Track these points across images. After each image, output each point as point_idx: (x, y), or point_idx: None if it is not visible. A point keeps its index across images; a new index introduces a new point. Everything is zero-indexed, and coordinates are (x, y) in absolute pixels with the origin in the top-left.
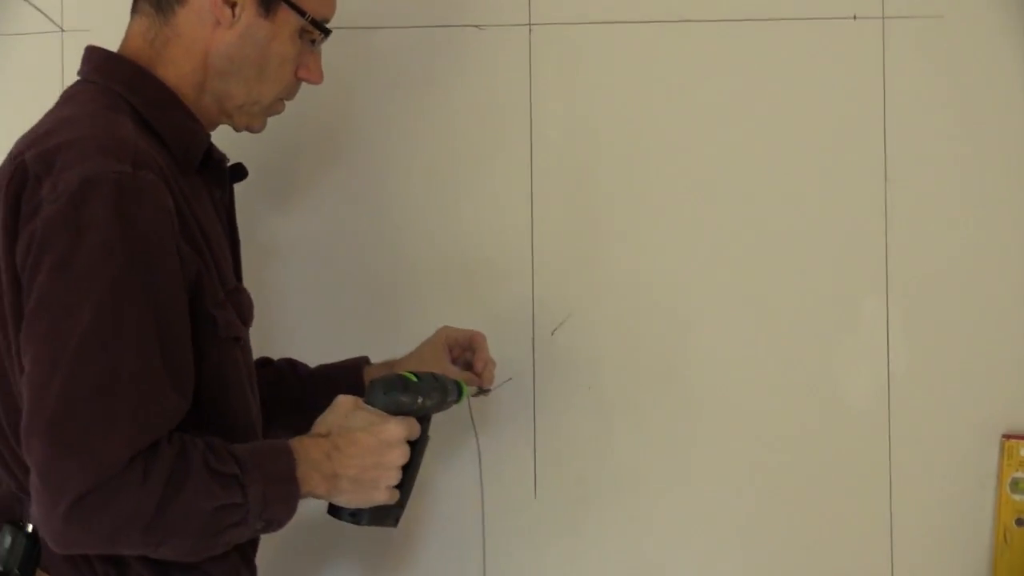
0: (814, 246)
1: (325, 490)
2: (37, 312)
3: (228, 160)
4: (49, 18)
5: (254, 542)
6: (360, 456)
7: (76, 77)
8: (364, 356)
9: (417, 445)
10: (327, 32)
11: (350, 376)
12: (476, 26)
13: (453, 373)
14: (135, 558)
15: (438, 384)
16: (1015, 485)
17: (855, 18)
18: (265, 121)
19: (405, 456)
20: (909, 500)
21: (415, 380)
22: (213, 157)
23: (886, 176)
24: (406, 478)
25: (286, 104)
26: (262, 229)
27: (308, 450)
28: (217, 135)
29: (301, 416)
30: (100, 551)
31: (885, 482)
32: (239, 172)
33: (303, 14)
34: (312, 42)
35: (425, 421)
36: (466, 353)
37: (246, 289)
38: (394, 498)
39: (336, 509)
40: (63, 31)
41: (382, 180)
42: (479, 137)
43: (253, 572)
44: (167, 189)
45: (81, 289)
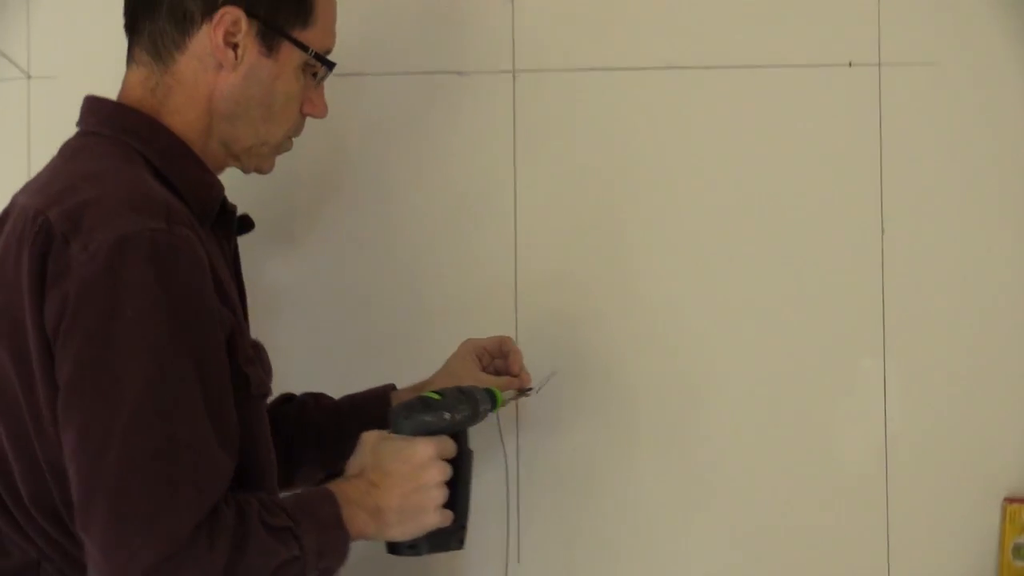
0: (808, 304)
1: (375, 528)
2: (80, 382)
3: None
4: (15, 64)
5: None
6: (397, 485)
7: (75, 127)
8: (390, 383)
9: (459, 461)
10: (331, 65)
11: (378, 404)
12: (459, 73)
13: (487, 381)
14: None
15: (464, 397)
16: (1018, 551)
17: (850, 65)
18: (274, 161)
19: (443, 473)
20: (907, 566)
21: (437, 398)
22: (227, 209)
23: (883, 229)
24: (457, 496)
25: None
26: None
27: (347, 492)
28: None
29: (330, 450)
30: None
31: (883, 547)
32: (246, 223)
33: (306, 49)
34: (314, 75)
35: (462, 436)
36: (496, 360)
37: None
38: (448, 519)
39: (394, 546)
40: (30, 78)
41: (364, 228)
42: (463, 184)
43: None
44: (200, 245)
45: (127, 356)
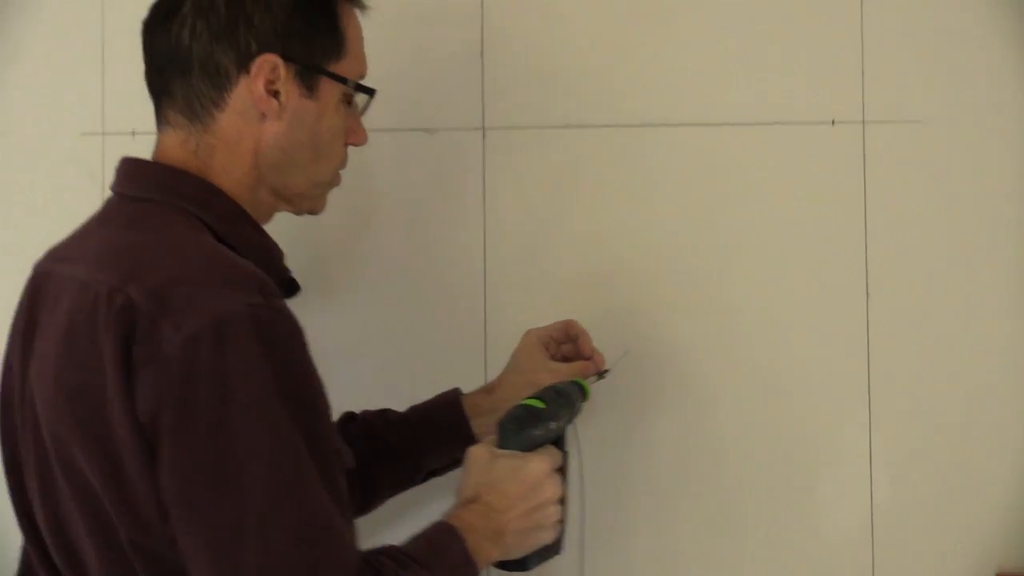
0: (792, 370)
1: (497, 552)
2: (201, 478)
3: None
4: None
5: None
6: (515, 506)
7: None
8: (455, 388)
9: (562, 467)
10: (372, 92)
11: (451, 412)
12: (427, 130)
13: (560, 370)
14: None
15: (563, 399)
16: None
17: (833, 123)
18: (326, 199)
19: (559, 488)
20: None
21: (542, 406)
22: (286, 273)
23: (868, 293)
24: (561, 503)
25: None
26: None
27: (467, 520)
28: None
29: (407, 466)
30: None
31: None
32: (294, 286)
33: (345, 81)
34: (348, 103)
35: (561, 440)
36: (563, 346)
37: None
38: (559, 531)
39: (503, 563)
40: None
41: (330, 282)
42: (432, 241)
43: None
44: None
45: (247, 445)
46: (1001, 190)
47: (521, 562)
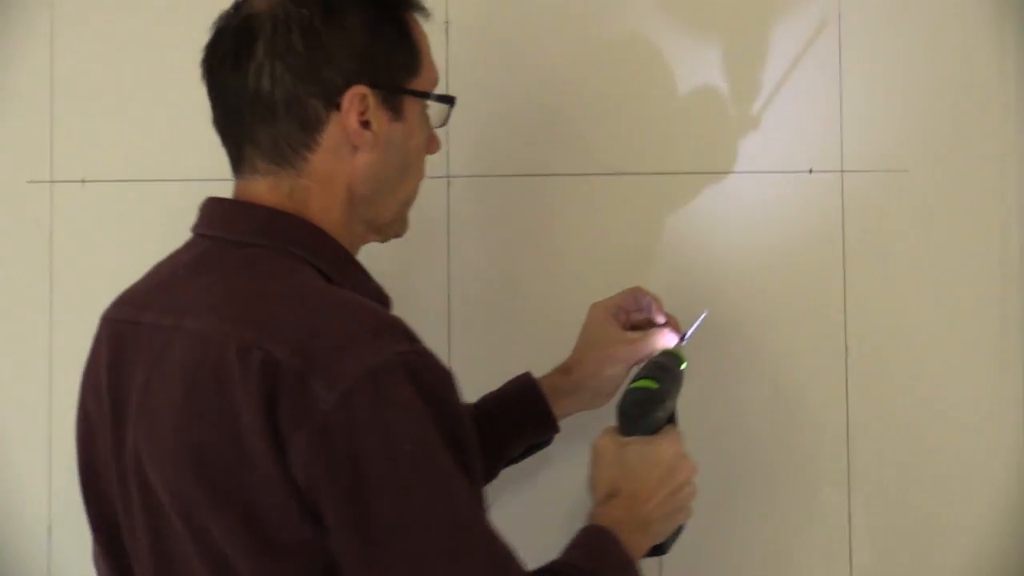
0: (766, 427)
1: (647, 542)
2: (378, 533)
3: None
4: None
5: None
6: (656, 493)
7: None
8: (525, 373)
9: None
10: (452, 101)
11: (531, 398)
12: None
13: (635, 340)
14: None
15: (669, 374)
16: None
17: (811, 172)
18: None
19: (692, 467)
20: None
21: (656, 386)
22: None
23: (846, 347)
24: None
25: None
26: None
27: (614, 517)
28: None
29: (489, 456)
30: None
31: None
32: None
33: (427, 96)
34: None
35: (674, 415)
36: (632, 315)
37: None
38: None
39: None
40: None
41: None
42: (396, 288)
43: None
44: None
45: (422, 493)
46: (983, 240)
47: (659, 547)
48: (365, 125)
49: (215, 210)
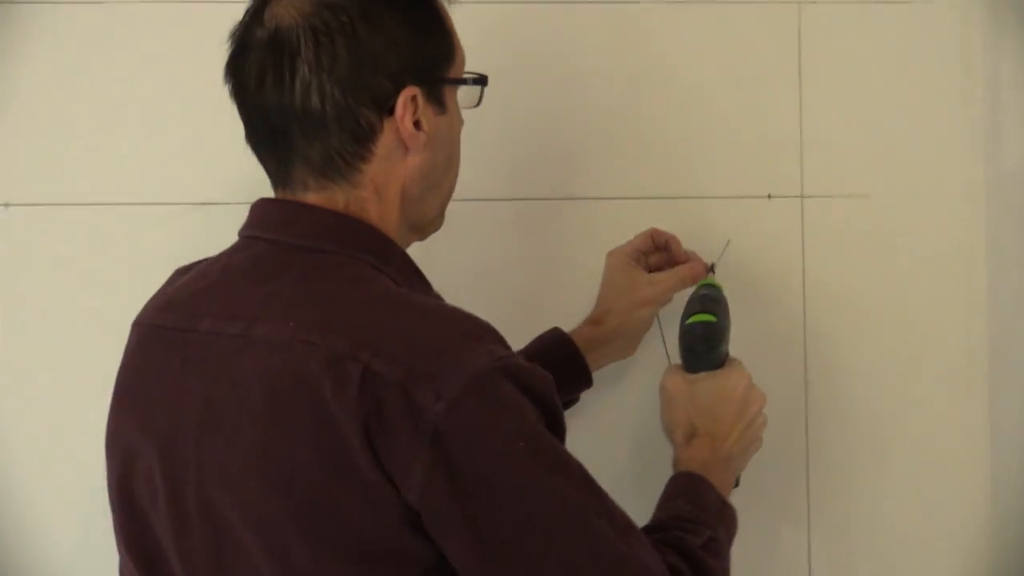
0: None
1: (731, 479)
2: (509, 535)
3: None
4: None
5: None
6: (735, 428)
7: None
8: (554, 328)
9: None
10: (485, 81)
11: (566, 352)
12: None
13: (662, 281)
14: None
15: (721, 304)
16: None
17: (769, 197)
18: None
19: (762, 395)
20: None
21: (715, 319)
22: None
23: (806, 380)
24: None
25: None
26: None
27: (699, 459)
28: None
29: None
30: None
31: None
32: None
33: (465, 82)
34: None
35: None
36: (651, 257)
37: None
38: None
39: None
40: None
41: None
42: None
43: None
44: None
45: (545, 489)
46: (943, 267)
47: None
48: (416, 125)
49: (270, 211)
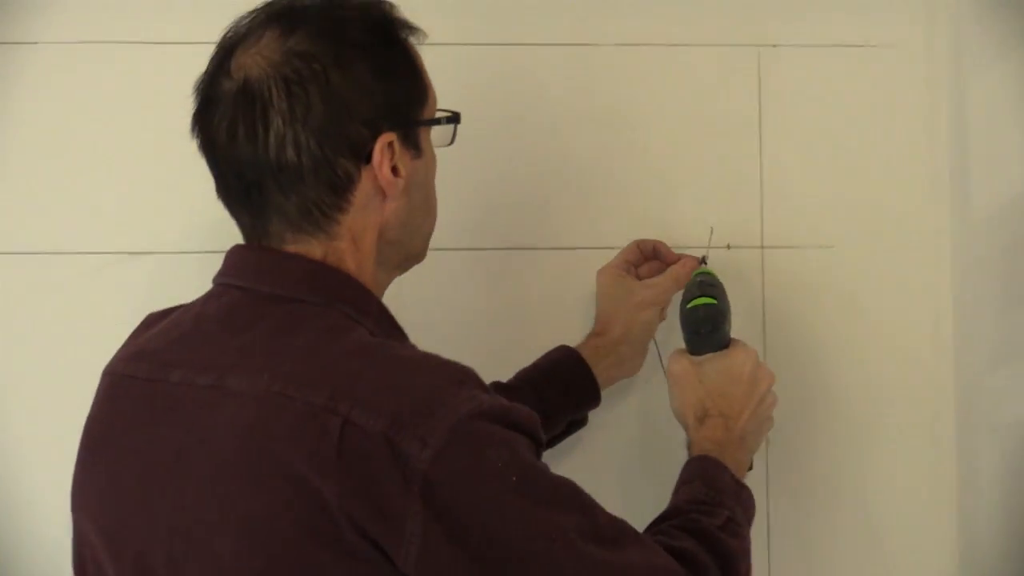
0: None
1: (747, 459)
2: (520, 569)
3: None
4: None
5: None
6: (746, 407)
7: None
8: (562, 346)
9: None
10: (458, 118)
11: (577, 368)
12: None
13: (658, 284)
14: None
15: (718, 288)
16: None
17: (728, 247)
18: None
19: (770, 373)
20: None
21: (715, 301)
22: None
23: (767, 439)
24: None
25: None
26: None
27: (714, 439)
28: None
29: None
30: None
31: None
32: None
33: (439, 122)
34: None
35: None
36: (641, 269)
37: None
38: None
39: None
40: None
41: None
42: None
43: None
44: None
45: (543, 518)
46: (914, 319)
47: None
48: (394, 171)
49: (246, 259)
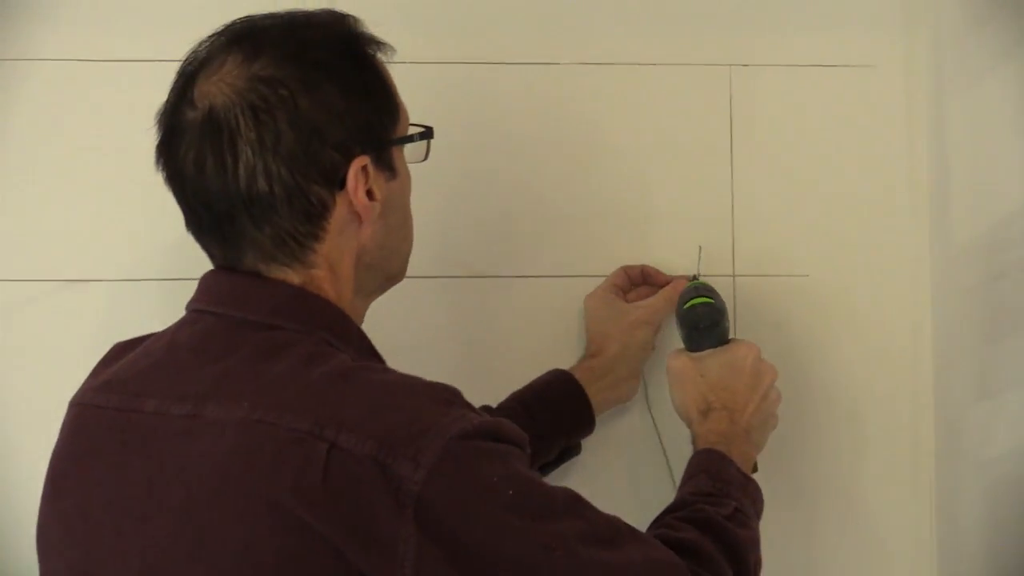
0: None
1: (754, 454)
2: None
3: None
4: None
5: None
6: (750, 400)
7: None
8: (556, 369)
9: None
10: (431, 133)
11: (574, 392)
12: None
13: (651, 304)
14: None
15: (713, 292)
16: None
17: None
18: None
19: (773, 368)
20: None
21: (711, 300)
22: None
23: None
24: None
25: None
26: None
27: (719, 433)
28: None
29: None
30: None
31: None
32: None
33: (411, 139)
34: None
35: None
36: (630, 295)
37: None
38: None
39: None
40: None
41: None
42: None
43: None
44: None
45: (543, 526)
46: (892, 349)
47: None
48: (369, 195)
49: (221, 284)
